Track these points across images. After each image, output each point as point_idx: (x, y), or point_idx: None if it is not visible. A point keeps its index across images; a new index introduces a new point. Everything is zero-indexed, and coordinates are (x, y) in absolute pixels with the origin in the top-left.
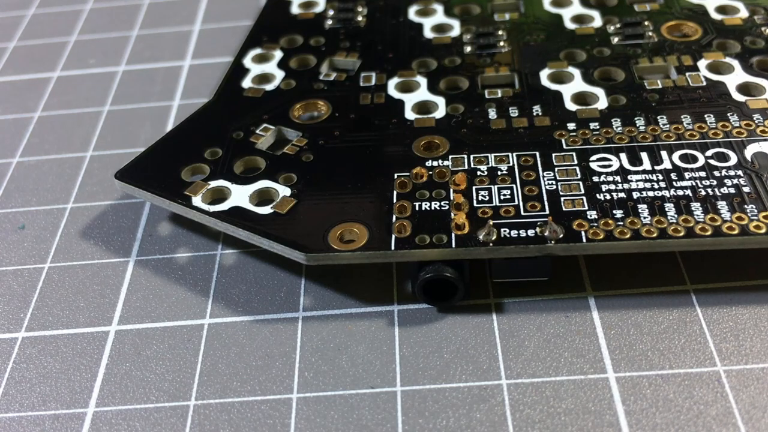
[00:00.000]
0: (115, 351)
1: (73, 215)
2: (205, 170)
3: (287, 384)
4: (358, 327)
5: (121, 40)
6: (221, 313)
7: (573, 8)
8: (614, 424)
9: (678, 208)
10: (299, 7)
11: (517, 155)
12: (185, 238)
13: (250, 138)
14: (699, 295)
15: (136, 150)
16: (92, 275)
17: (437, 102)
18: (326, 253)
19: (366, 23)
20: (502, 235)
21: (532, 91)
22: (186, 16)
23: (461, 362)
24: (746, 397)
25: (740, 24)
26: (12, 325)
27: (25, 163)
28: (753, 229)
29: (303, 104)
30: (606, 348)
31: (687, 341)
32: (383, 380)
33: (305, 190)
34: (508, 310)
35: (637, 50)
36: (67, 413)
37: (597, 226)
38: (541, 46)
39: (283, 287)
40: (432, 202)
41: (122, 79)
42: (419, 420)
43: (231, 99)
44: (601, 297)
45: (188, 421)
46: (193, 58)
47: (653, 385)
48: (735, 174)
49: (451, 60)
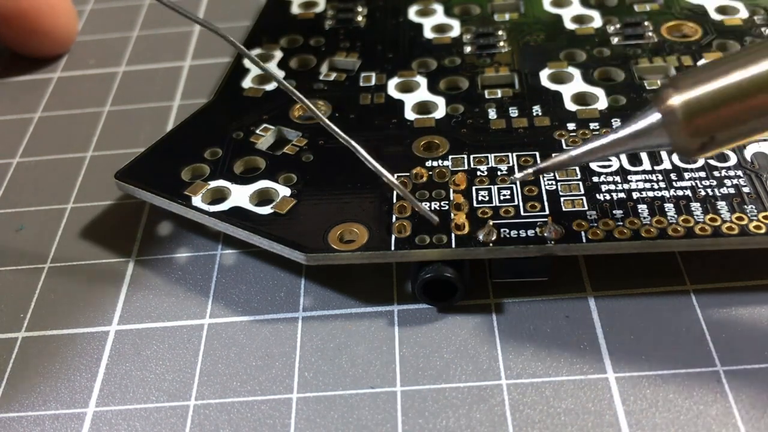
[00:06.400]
0: (115, 351)
1: (73, 215)
2: (205, 170)
3: (287, 384)
4: (358, 327)
5: (122, 40)
6: (221, 313)
7: (573, 8)
8: (614, 424)
9: (678, 209)
10: (299, 7)
11: (517, 155)
12: (185, 238)
13: (250, 138)
14: (699, 295)
15: (136, 150)
16: (92, 275)
17: (437, 102)
18: (326, 253)
19: (366, 23)
20: (502, 236)
21: (532, 92)
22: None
23: (461, 362)
24: (746, 397)
25: (740, 24)
26: (12, 325)
27: (25, 163)
28: (753, 229)
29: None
30: (606, 348)
31: (687, 341)
32: (383, 380)
33: (305, 190)
34: (508, 310)
35: (637, 50)
36: (67, 413)
37: (597, 226)
38: (541, 46)
39: (283, 287)
40: (432, 203)
41: (122, 79)
42: (419, 420)
43: (231, 99)
44: (601, 297)
45: (188, 421)
46: (193, 59)
47: (653, 385)
48: (735, 174)
49: (451, 60)
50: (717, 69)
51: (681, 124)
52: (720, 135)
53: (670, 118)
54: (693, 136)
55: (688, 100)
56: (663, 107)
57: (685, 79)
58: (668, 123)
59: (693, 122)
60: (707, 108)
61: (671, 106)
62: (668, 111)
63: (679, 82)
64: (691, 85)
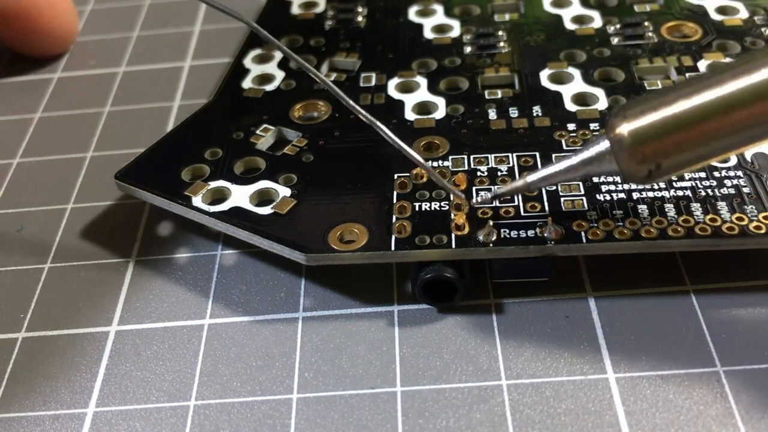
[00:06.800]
0: (115, 351)
1: (73, 215)
2: (205, 171)
3: (287, 384)
4: (358, 327)
5: (122, 41)
6: (221, 313)
7: (573, 9)
8: (614, 425)
9: (678, 209)
10: (299, 7)
11: (517, 156)
12: (185, 239)
13: (250, 138)
14: (699, 295)
15: (136, 150)
16: (92, 275)
17: (437, 102)
18: (326, 253)
19: (366, 24)
20: (502, 236)
21: (532, 92)
22: (186, 17)
23: (461, 362)
24: (746, 397)
25: (740, 25)
26: (12, 325)
27: (25, 163)
28: (753, 229)
29: (303, 104)
30: (606, 348)
31: (687, 341)
32: (383, 380)
33: (305, 190)
34: (508, 311)
35: (637, 51)
36: (67, 413)
37: (597, 227)
38: (541, 46)
39: (283, 287)
40: (432, 203)
41: (123, 79)
42: (419, 420)
43: (231, 99)
44: (601, 297)
45: (188, 421)
46: (194, 59)
47: (653, 385)
48: (735, 175)
49: (451, 60)
50: (663, 98)
51: (628, 152)
52: (666, 162)
53: (618, 147)
54: (640, 163)
55: (635, 129)
56: (612, 136)
57: (633, 109)
58: (617, 151)
59: (640, 150)
60: (653, 136)
61: (619, 135)
62: (616, 139)
63: (627, 111)
64: (638, 114)
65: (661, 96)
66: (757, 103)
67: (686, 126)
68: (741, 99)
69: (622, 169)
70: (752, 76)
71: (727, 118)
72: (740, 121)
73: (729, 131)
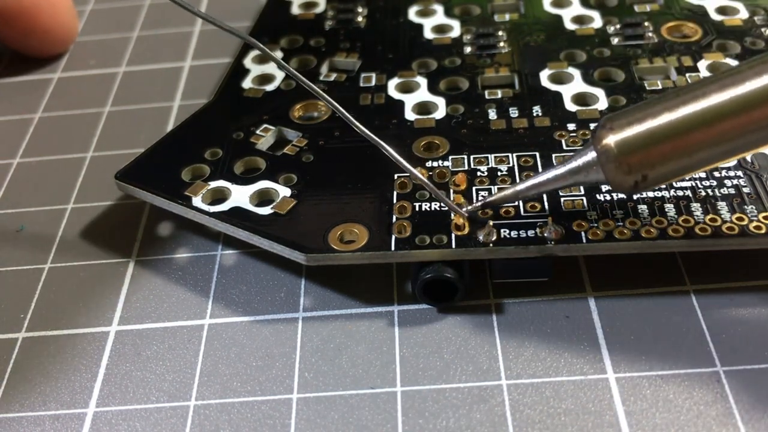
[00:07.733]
0: (115, 351)
1: (73, 215)
2: (205, 171)
3: (287, 384)
4: (358, 327)
5: (122, 40)
6: (221, 313)
7: (573, 9)
8: (614, 425)
9: (678, 209)
10: (299, 7)
11: (517, 156)
12: (185, 239)
13: (250, 138)
14: (699, 295)
15: (136, 150)
16: (92, 275)
17: (437, 102)
18: (326, 253)
19: (366, 24)
20: (502, 236)
21: (532, 92)
22: (186, 17)
23: (461, 362)
24: (746, 397)
25: (740, 25)
26: (12, 325)
27: (25, 163)
28: (753, 229)
29: (303, 105)
30: (606, 348)
31: (687, 341)
32: (383, 380)
33: (305, 190)
34: (508, 311)
35: (637, 51)
36: (67, 413)
37: (597, 227)
38: (541, 46)
39: (283, 287)
40: (432, 203)
41: (123, 79)
42: (419, 420)
43: (231, 99)
44: (601, 297)
45: (188, 422)
46: (194, 59)
47: (653, 385)
48: (735, 175)
49: (451, 60)
50: (649, 110)
51: (615, 163)
52: (652, 173)
53: (605, 158)
54: (627, 174)
55: (622, 140)
56: (599, 147)
57: (619, 120)
58: (604, 162)
59: (626, 161)
60: (639, 147)
61: (606, 146)
62: (603, 150)
63: (614, 123)
64: (624, 125)
65: (647, 108)
66: (741, 114)
67: (672, 137)
68: (726, 110)
69: (609, 180)
70: (737, 88)
71: (712, 129)
72: (725, 132)
73: (714, 142)
